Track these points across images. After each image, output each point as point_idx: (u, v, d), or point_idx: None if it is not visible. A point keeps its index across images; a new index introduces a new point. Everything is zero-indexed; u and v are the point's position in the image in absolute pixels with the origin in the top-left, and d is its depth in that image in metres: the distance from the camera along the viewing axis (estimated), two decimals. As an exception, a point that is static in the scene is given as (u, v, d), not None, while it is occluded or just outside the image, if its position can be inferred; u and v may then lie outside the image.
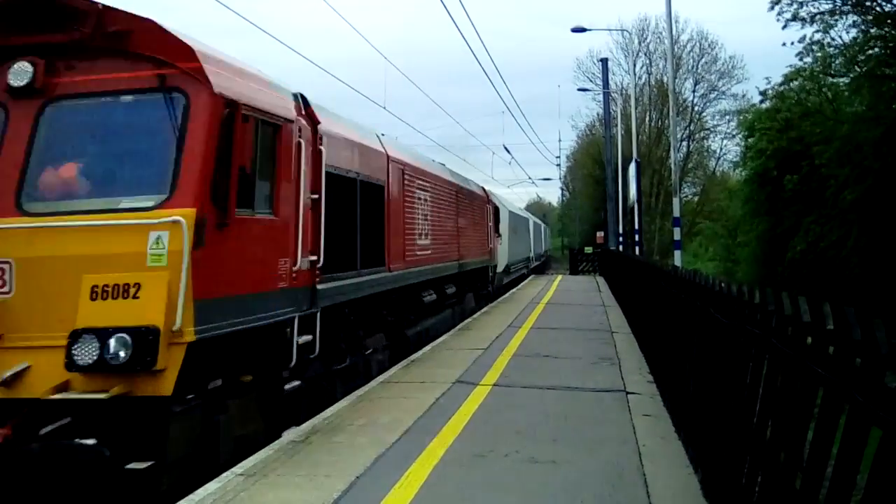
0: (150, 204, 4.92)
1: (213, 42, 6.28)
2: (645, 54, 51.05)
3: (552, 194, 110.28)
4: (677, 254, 17.54)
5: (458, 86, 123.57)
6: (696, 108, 50.50)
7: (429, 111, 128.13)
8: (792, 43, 19.94)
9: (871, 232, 16.86)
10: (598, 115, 51.26)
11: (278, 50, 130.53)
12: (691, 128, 50.46)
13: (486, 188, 21.39)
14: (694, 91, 50.02)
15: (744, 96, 42.98)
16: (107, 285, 4.69)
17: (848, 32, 19.20)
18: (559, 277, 32.62)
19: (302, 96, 6.83)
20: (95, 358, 4.54)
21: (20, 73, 5.19)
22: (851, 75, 19.48)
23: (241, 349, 5.70)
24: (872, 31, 18.47)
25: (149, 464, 4.61)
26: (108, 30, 5.21)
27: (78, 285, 4.70)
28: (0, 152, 5.14)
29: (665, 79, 46.32)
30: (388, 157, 9.61)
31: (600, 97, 43.44)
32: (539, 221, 43.45)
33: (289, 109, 6.34)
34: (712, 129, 51.07)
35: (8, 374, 4.68)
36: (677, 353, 6.42)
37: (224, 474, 4.97)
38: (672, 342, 6.87)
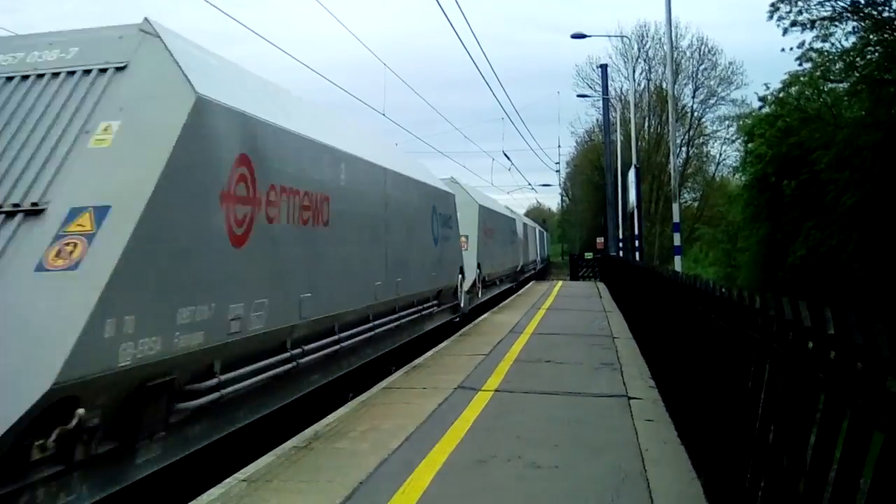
0: None
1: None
2: (644, 60, 51.27)
3: (552, 200, 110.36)
4: (677, 259, 17.56)
5: (457, 92, 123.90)
6: (695, 114, 50.70)
7: (428, 117, 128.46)
8: (791, 49, 19.99)
9: (871, 236, 16.87)
10: (597, 121, 51.52)
11: (277, 55, 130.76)
12: (691, 133, 50.59)
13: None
14: (693, 96, 50.22)
15: (743, 101, 43.09)
16: None
17: (847, 38, 19.26)
18: (559, 283, 32.63)
19: None
20: None
21: None
22: (850, 80, 19.52)
23: None
24: (872, 37, 18.50)
25: None
26: None
27: None
28: None
29: (664, 84, 46.51)
30: None
31: (600, 103, 43.69)
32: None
33: None
34: (712, 135, 51.23)
35: None
36: (679, 359, 6.43)
37: (227, 480, 4.99)
38: (673, 347, 6.88)
